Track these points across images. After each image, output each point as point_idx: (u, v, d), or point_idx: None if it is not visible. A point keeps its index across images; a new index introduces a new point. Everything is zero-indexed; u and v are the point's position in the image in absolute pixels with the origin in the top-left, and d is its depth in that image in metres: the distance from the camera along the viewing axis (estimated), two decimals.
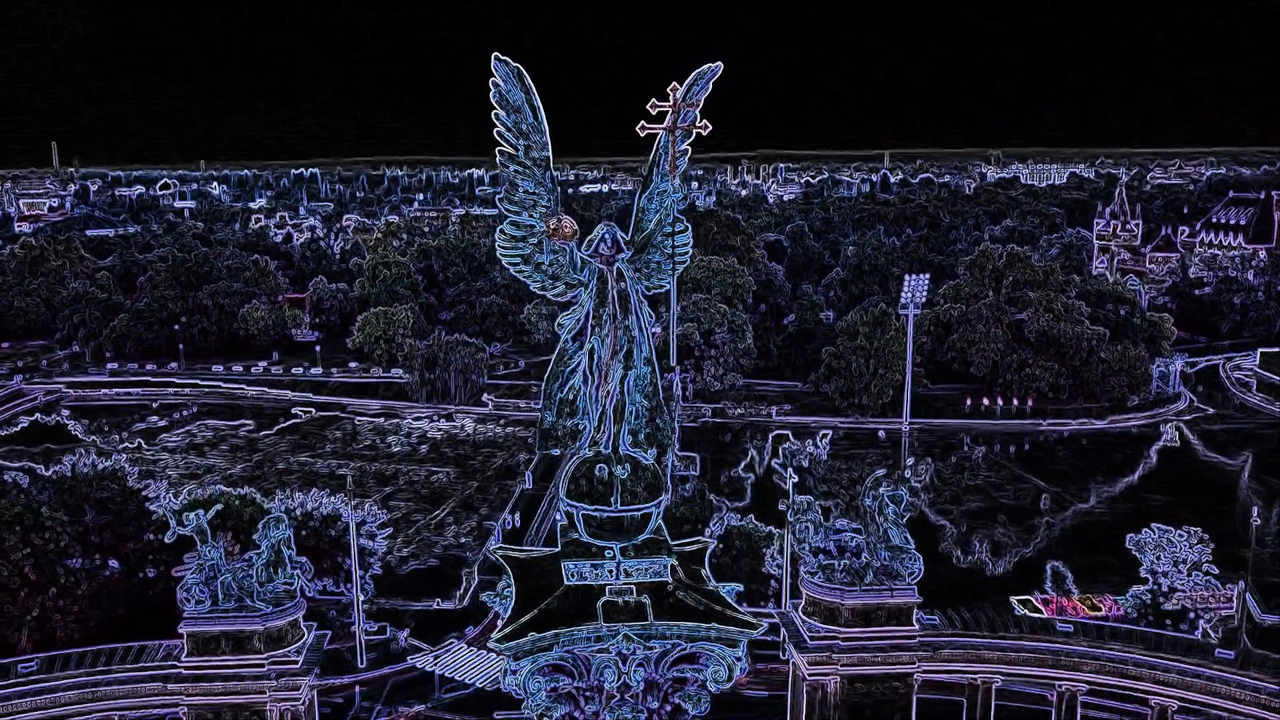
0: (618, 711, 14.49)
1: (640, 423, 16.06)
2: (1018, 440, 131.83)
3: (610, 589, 14.75)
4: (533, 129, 16.85)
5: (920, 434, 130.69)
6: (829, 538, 47.46)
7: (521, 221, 17.04)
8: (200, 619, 43.03)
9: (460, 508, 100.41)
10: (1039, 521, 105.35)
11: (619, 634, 14.19)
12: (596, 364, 16.04)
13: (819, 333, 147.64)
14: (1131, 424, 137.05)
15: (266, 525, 45.02)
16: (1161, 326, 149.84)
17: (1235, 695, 43.32)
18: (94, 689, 42.72)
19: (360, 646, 66.17)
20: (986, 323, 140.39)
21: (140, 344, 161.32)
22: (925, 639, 46.42)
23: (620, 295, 16.13)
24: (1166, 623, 67.52)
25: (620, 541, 15.13)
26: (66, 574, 63.31)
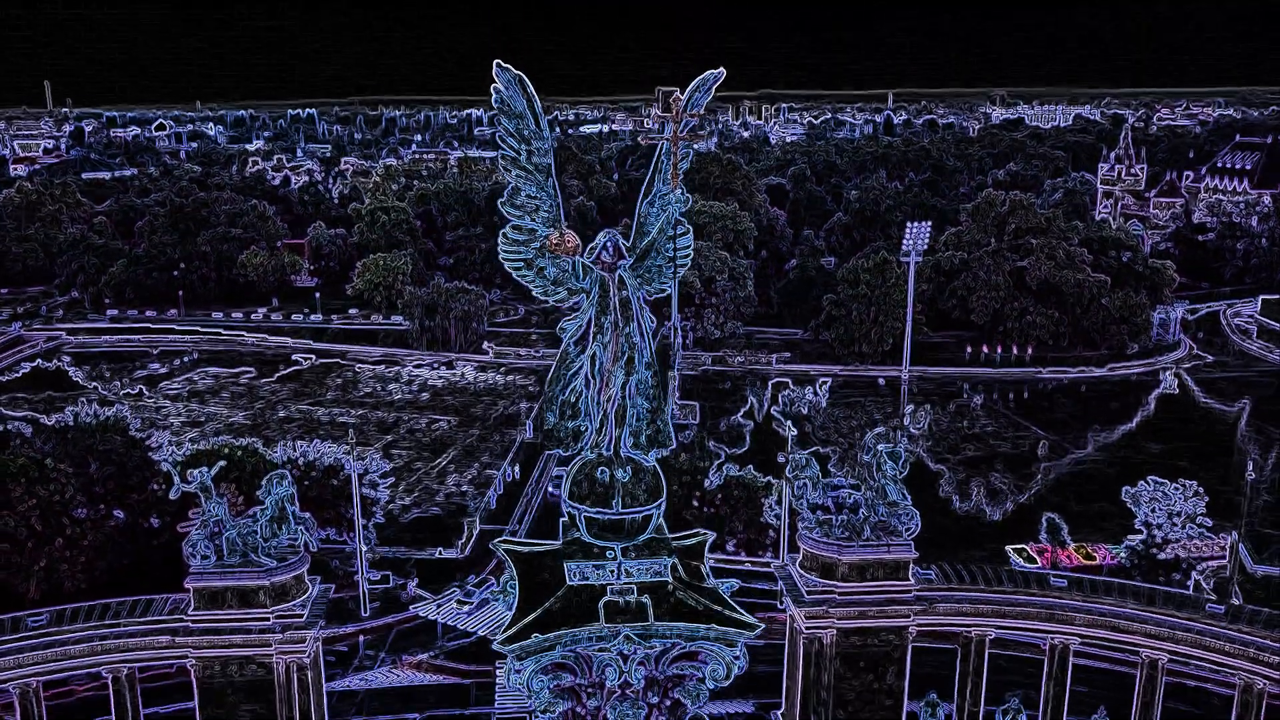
0: (619, 707, 14.86)
1: (641, 425, 16.21)
2: (1017, 388, 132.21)
3: (611, 589, 15.03)
4: (534, 135, 16.75)
5: (919, 382, 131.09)
6: (827, 494, 47.88)
7: (524, 226, 16.98)
8: (206, 574, 43.63)
9: (462, 456, 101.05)
10: (1036, 469, 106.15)
11: (620, 634, 14.51)
12: (598, 369, 16.11)
13: (820, 280, 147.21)
14: (1131, 372, 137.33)
15: (270, 482, 45.39)
16: (1163, 273, 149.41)
17: (1225, 649, 44.01)
18: (102, 642, 43.40)
19: (363, 595, 67.09)
20: (988, 270, 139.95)
21: (140, 290, 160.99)
22: (921, 593, 47.07)
23: (622, 302, 16.17)
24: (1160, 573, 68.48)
25: (621, 542, 15.36)
26: (72, 525, 63.98)
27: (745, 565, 73.61)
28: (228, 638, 43.56)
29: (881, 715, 47.52)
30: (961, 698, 48.69)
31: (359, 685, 58.69)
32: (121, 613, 44.29)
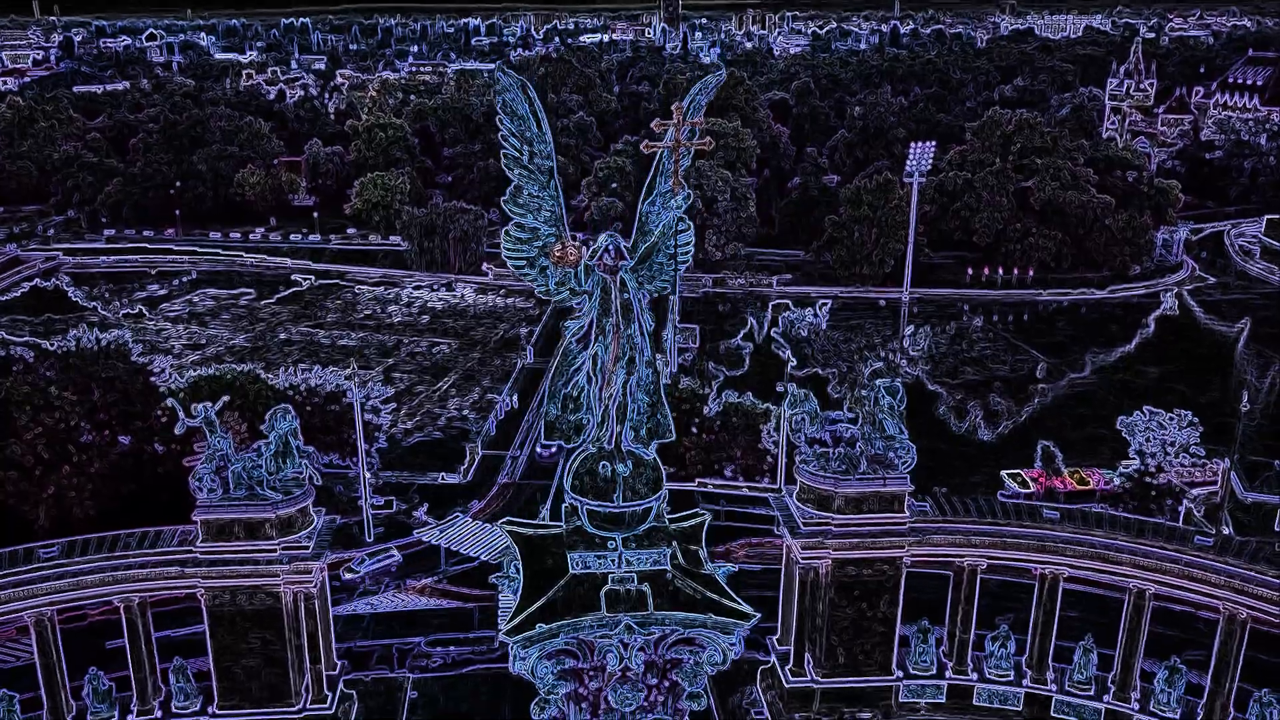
0: (620, 689, 15.45)
1: (642, 419, 16.51)
2: (1017, 310, 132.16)
3: (613, 578, 15.52)
4: (536, 137, 16.67)
5: (920, 303, 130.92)
6: (824, 428, 48.36)
7: (526, 224, 16.98)
8: (213, 507, 44.41)
9: (462, 380, 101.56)
10: (1034, 391, 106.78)
11: (621, 623, 15.05)
12: (600, 368, 16.32)
13: (822, 200, 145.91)
14: (1132, 294, 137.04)
15: (274, 416, 45.88)
16: (1169, 193, 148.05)
17: (1210, 580, 44.96)
18: (114, 573, 44.35)
19: (367, 521, 68.15)
20: (992, 190, 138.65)
21: (136, 209, 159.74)
22: (915, 525, 47.95)
23: (623, 305, 16.29)
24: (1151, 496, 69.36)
25: (622, 533, 15.78)
26: (79, 452, 64.69)
27: (743, 490, 74.74)
28: (235, 568, 44.57)
29: (874, 641, 48.85)
30: (953, 624, 49.90)
31: (365, 610, 60.00)
32: (131, 544, 45.17)
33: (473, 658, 55.00)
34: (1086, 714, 48.34)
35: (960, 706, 49.44)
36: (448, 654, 55.38)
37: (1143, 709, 47.58)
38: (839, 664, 48.61)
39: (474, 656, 55.04)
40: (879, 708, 49.08)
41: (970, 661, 49.90)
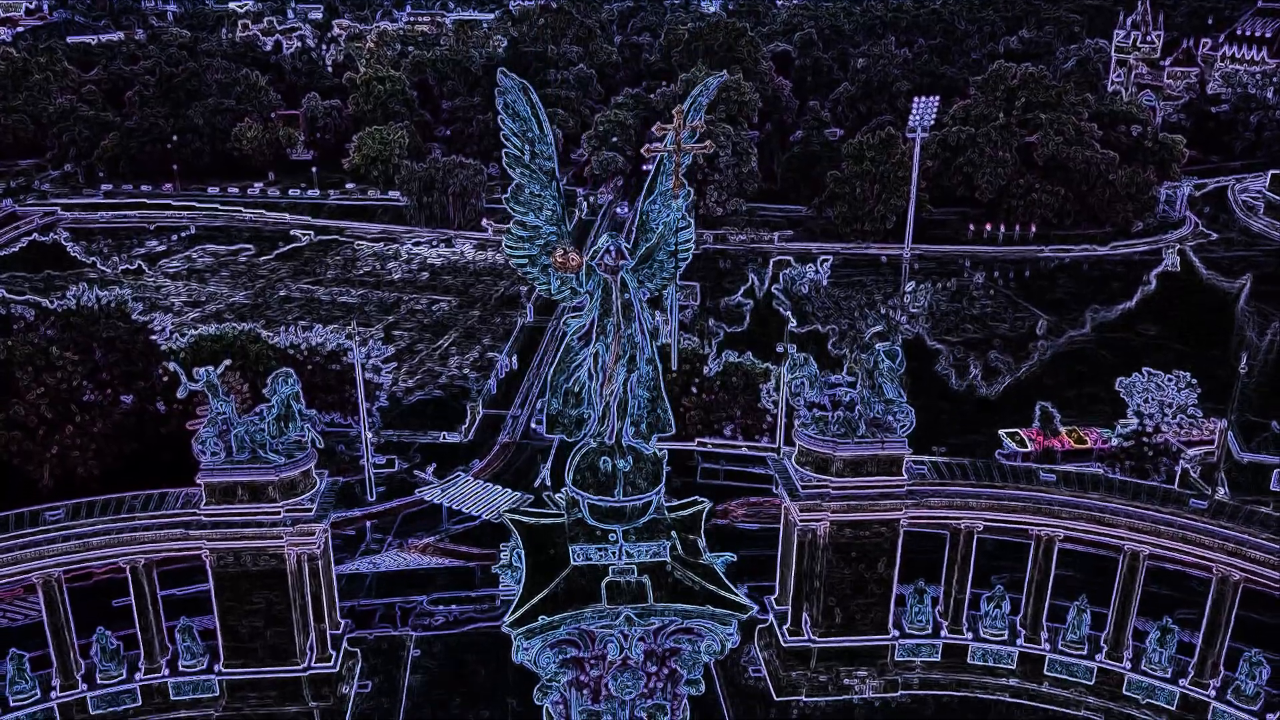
0: (620, 677, 15.84)
1: (642, 414, 16.75)
2: (1018, 267, 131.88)
3: (613, 570, 15.85)
4: (538, 138, 16.70)
5: (921, 260, 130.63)
6: (824, 392, 48.54)
7: (528, 222, 17.09)
8: (217, 470, 44.76)
9: (463, 338, 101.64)
10: (1034, 348, 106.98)
11: (622, 615, 15.44)
12: (601, 366, 16.53)
13: (824, 155, 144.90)
14: (1134, 250, 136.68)
15: (276, 380, 46.07)
16: (1173, 148, 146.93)
17: (1204, 543, 45.45)
18: (119, 535, 44.82)
19: (369, 480, 68.66)
20: (995, 146, 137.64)
21: (133, 164, 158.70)
22: (913, 488, 48.32)
23: (624, 305, 16.46)
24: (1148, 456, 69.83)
25: (623, 525, 16.10)
26: (81, 412, 65.04)
27: (742, 450, 75.18)
28: (239, 531, 45.03)
29: (871, 602, 49.50)
30: (949, 585, 50.50)
31: (367, 569, 60.66)
32: (136, 506, 45.57)
33: (475, 616, 55.73)
34: (1079, 673, 49.12)
35: (955, 665, 50.18)
36: (450, 612, 56.12)
37: (1134, 668, 48.32)
38: (836, 624, 49.30)
39: (476, 615, 55.76)
40: (874, 666, 49.87)
41: (965, 621, 50.57)
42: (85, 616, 47.66)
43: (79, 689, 46.00)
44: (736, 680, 50.55)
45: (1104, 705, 48.38)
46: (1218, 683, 46.69)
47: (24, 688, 45.39)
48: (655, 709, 16.74)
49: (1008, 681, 49.68)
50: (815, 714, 48.55)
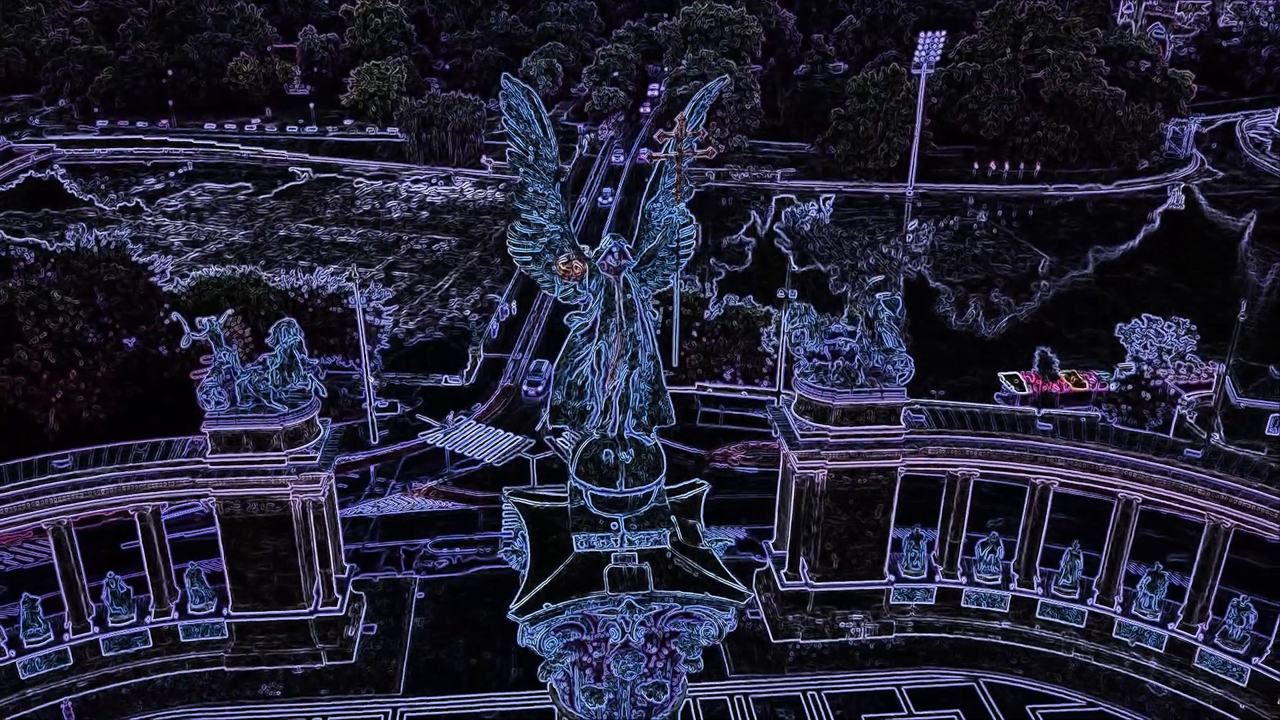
0: (622, 658, 16.40)
1: (644, 407, 17.09)
2: (1022, 205, 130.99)
3: (615, 557, 16.31)
4: (541, 140, 16.75)
5: (924, 198, 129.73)
6: (823, 342, 48.71)
7: (532, 220, 17.20)
8: (221, 419, 45.16)
9: (463, 279, 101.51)
10: (1035, 287, 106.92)
11: (624, 602, 15.96)
12: (604, 362, 16.81)
13: (828, 91, 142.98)
14: (1139, 189, 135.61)
15: (279, 329, 46.23)
16: (1181, 84, 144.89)
17: (1197, 491, 46.00)
18: (126, 483, 45.40)
19: (372, 424, 69.19)
20: (1001, 82, 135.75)
21: (128, 99, 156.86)
22: (911, 436, 48.74)
23: (626, 305, 16.68)
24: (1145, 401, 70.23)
25: (624, 514, 16.53)
26: (85, 356, 65.31)
27: (742, 394, 75.64)
28: (245, 479, 45.58)
29: (868, 547, 50.27)
30: (944, 530, 51.21)
31: (371, 512, 61.49)
32: (143, 455, 46.06)
33: (478, 559, 56.65)
34: (1070, 616, 50.06)
35: (948, 609, 51.13)
36: (453, 555, 57.03)
37: (1125, 612, 49.23)
38: (832, 569, 50.12)
39: (479, 558, 56.68)
40: (869, 610, 50.84)
41: (960, 566, 51.40)
42: (95, 558, 48.50)
43: (91, 632, 46.97)
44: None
45: (1094, 648, 49.38)
46: (1206, 626, 47.60)
47: (38, 631, 46.39)
48: (655, 687, 17.42)
49: (1000, 625, 50.65)
50: (811, 656, 49.63)
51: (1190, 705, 46.63)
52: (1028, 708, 46.72)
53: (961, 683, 48.21)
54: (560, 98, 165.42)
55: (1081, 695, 47.41)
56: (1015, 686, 47.94)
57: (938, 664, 49.30)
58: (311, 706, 46.02)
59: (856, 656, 49.68)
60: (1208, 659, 47.08)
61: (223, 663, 47.75)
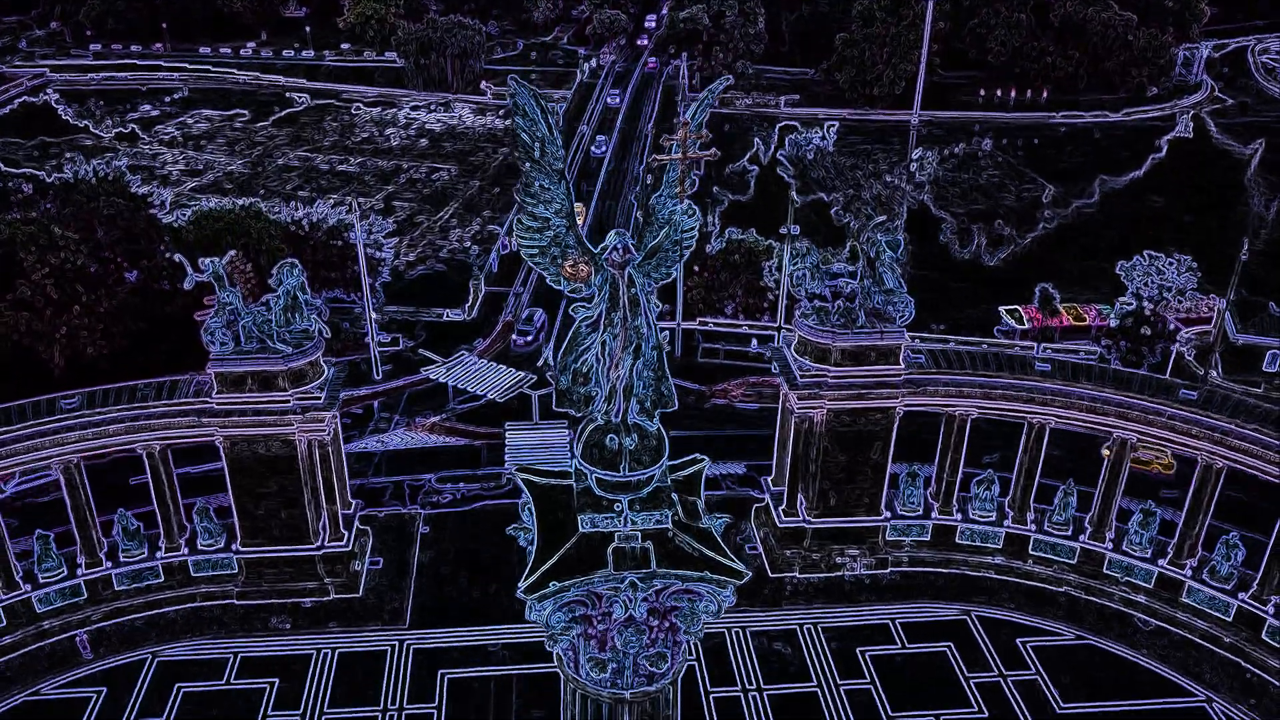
0: (624, 632, 17.11)
1: (647, 393, 17.53)
2: (1028, 134, 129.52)
3: (619, 536, 16.90)
4: (547, 139, 16.87)
5: (929, 125, 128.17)
6: (824, 284, 48.81)
7: (538, 214, 17.42)
8: (226, 359, 45.54)
9: (463, 210, 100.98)
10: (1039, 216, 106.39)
11: (627, 580, 16.55)
12: (608, 353, 17.20)
13: (833, 15, 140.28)
14: (1148, 116, 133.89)
15: (282, 270, 46.35)
16: (1194, 7, 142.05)
17: (1191, 432, 46.57)
18: (134, 423, 45.99)
19: (375, 359, 69.58)
20: (1010, 6, 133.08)
21: (121, 22, 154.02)
22: (910, 377, 49.15)
23: (630, 300, 16.99)
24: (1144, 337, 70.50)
25: (628, 496, 17.08)
26: (87, 291, 65.45)
27: (743, 329, 75.88)
28: (250, 419, 46.12)
29: (865, 486, 51.07)
30: (940, 468, 51.95)
31: (375, 447, 62.25)
32: (149, 395, 46.56)
33: (482, 494, 57.55)
34: (1062, 552, 51.09)
35: (943, 544, 52.16)
36: (457, 490, 57.93)
37: (1116, 548, 50.22)
38: (830, 506, 50.99)
39: (483, 493, 57.58)
40: (865, 545, 51.87)
41: (955, 503, 52.27)
42: (104, 493, 49.30)
43: (103, 566, 48.03)
44: None
45: (1084, 583, 50.51)
46: (1194, 563, 48.62)
47: (52, 565, 47.45)
48: (657, 657, 18.23)
49: (993, 560, 51.71)
50: (807, 590, 50.79)
51: (1177, 639, 47.85)
52: (1018, 640, 47.93)
53: (954, 616, 49.40)
54: (561, 20, 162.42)
55: (1071, 629, 48.61)
56: (1006, 620, 49.12)
57: (931, 598, 50.44)
58: (320, 639, 47.27)
59: (851, 591, 50.83)
60: (1195, 594, 48.19)
61: (233, 596, 48.91)
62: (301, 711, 43.38)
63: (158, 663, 45.88)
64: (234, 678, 45.17)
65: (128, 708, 43.54)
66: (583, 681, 18.24)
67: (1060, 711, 44.09)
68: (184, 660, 46.11)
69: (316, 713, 43.34)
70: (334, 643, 47.09)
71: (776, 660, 46.61)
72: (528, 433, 61.97)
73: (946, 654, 47.10)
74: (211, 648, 46.81)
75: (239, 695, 44.23)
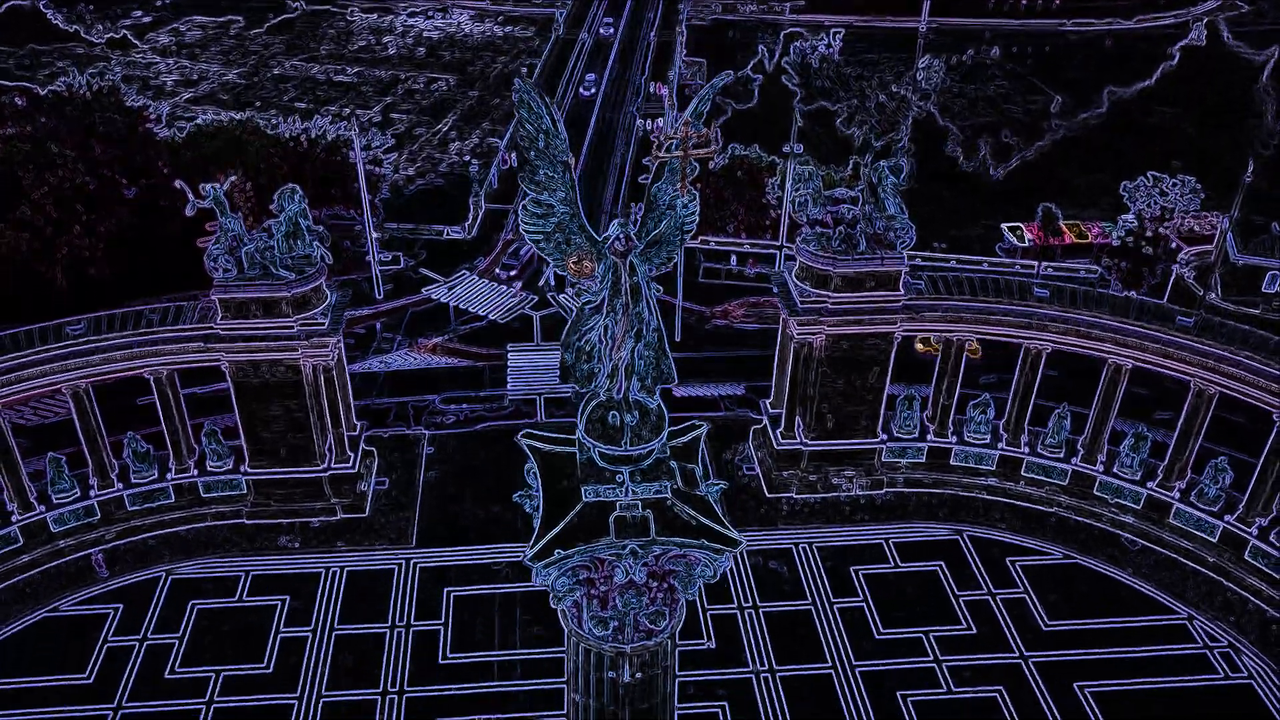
0: (626, 595, 18.04)
1: (648, 371, 18.10)
2: (1038, 42, 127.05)
3: (621, 506, 17.71)
4: (551, 132, 16.99)
5: (937, 33, 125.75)
6: (826, 210, 48.72)
7: (542, 200, 17.67)
8: (230, 286, 45.80)
9: (462, 121, 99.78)
10: (1045, 127, 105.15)
11: (628, 548, 17.37)
12: (610, 335, 17.70)
13: None
14: (1161, 23, 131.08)
15: (282, 196, 46.30)
16: None
17: (1186, 359, 47.07)
18: (140, 348, 46.51)
19: (376, 279, 69.75)
20: None
21: None
22: (909, 303, 49.42)
23: (632, 287, 17.39)
24: (1145, 257, 70.47)
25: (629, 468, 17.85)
26: (87, 211, 65.35)
27: (745, 247, 75.82)
28: (256, 344, 46.63)
29: (862, 409, 51.81)
30: (938, 392, 52.61)
31: (379, 368, 62.86)
32: (154, 320, 46.95)
33: (484, 415, 58.40)
34: (1054, 474, 52.09)
35: (938, 466, 53.17)
36: (460, 411, 58.76)
37: (1106, 471, 51.19)
38: (827, 429, 51.81)
39: (486, 414, 58.43)
40: (861, 467, 52.88)
41: (951, 426, 53.08)
42: (113, 414, 50.10)
43: (115, 488, 49.13)
44: (730, 477, 53.72)
45: (1075, 504, 51.64)
46: (1183, 485, 49.63)
47: (65, 487, 48.53)
48: (655, 615, 19.30)
49: (986, 481, 52.76)
50: (804, 510, 51.98)
51: (1162, 558, 49.16)
52: (1007, 560, 49.26)
53: (946, 536, 50.68)
54: None
55: (1060, 548, 49.90)
56: (997, 540, 50.38)
57: (924, 518, 51.65)
58: (329, 557, 48.64)
59: (847, 511, 52.01)
60: (1182, 516, 49.32)
61: (242, 516, 50.14)
62: (312, 627, 44.92)
63: (171, 580, 47.32)
64: (246, 595, 46.63)
65: (144, 623, 45.08)
66: (586, 635, 19.32)
67: (1046, 629, 45.59)
68: (197, 578, 47.54)
69: (327, 629, 44.89)
70: (342, 561, 48.46)
71: (772, 579, 48.01)
72: (530, 354, 62.53)
73: (938, 573, 48.48)
74: (223, 566, 48.20)
75: (251, 612, 45.74)
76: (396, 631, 44.92)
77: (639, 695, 19.46)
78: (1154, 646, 44.61)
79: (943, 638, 45.07)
